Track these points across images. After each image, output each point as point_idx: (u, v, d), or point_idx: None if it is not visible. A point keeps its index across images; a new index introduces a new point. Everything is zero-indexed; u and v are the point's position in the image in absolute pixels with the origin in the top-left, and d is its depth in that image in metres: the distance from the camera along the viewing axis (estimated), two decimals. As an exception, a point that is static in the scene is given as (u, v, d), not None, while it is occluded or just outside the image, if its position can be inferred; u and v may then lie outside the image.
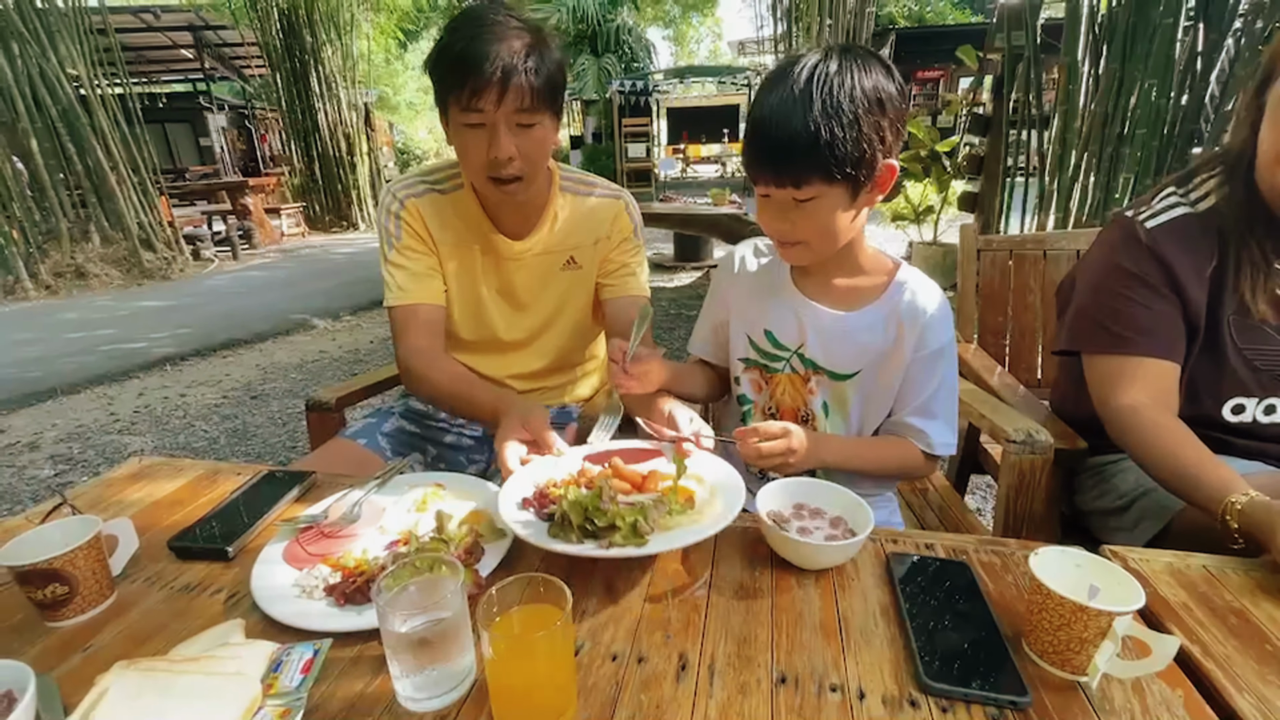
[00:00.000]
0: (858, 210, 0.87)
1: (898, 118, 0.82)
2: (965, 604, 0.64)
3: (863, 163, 0.80)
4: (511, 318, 1.26)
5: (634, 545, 0.68)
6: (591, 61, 14.14)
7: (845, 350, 0.96)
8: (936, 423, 0.95)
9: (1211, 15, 2.99)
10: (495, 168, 1.03)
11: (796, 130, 0.77)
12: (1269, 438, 0.93)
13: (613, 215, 1.23)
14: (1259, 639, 0.59)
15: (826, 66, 0.78)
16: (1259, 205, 0.91)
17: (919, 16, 13.20)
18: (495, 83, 0.95)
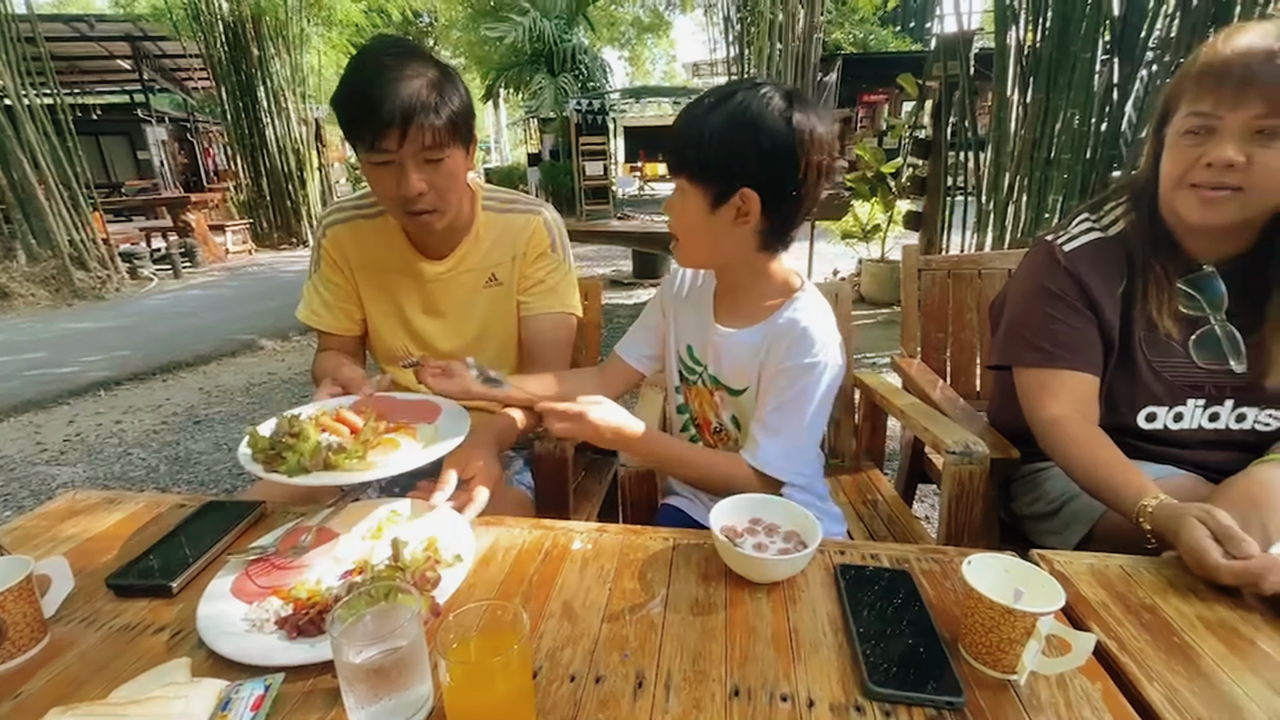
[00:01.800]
0: (722, 228, 0.91)
1: (766, 152, 0.85)
2: (907, 611, 0.67)
3: (714, 173, 0.87)
4: (442, 333, 1.27)
5: (283, 471, 0.81)
6: (549, 80, 14.22)
7: (733, 366, 1.01)
8: (774, 440, 0.94)
9: (1125, 49, 3.23)
10: (407, 204, 1.04)
11: (687, 126, 0.88)
12: (1178, 443, 1.01)
13: (529, 231, 1.24)
14: (1168, 632, 0.64)
15: (724, 95, 0.86)
16: (1161, 230, 0.99)
17: (864, 43, 13.78)
18: (397, 125, 0.96)
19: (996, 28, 3.55)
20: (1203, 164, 0.87)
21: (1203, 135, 0.88)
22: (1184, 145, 0.90)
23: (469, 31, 17.35)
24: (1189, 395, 0.99)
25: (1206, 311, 0.99)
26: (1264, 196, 0.87)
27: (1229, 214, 0.89)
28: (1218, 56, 0.86)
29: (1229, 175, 0.86)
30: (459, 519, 0.86)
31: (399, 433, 0.93)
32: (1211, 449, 0.99)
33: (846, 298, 1.64)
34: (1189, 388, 0.99)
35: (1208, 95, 0.86)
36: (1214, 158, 0.86)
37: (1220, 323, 0.98)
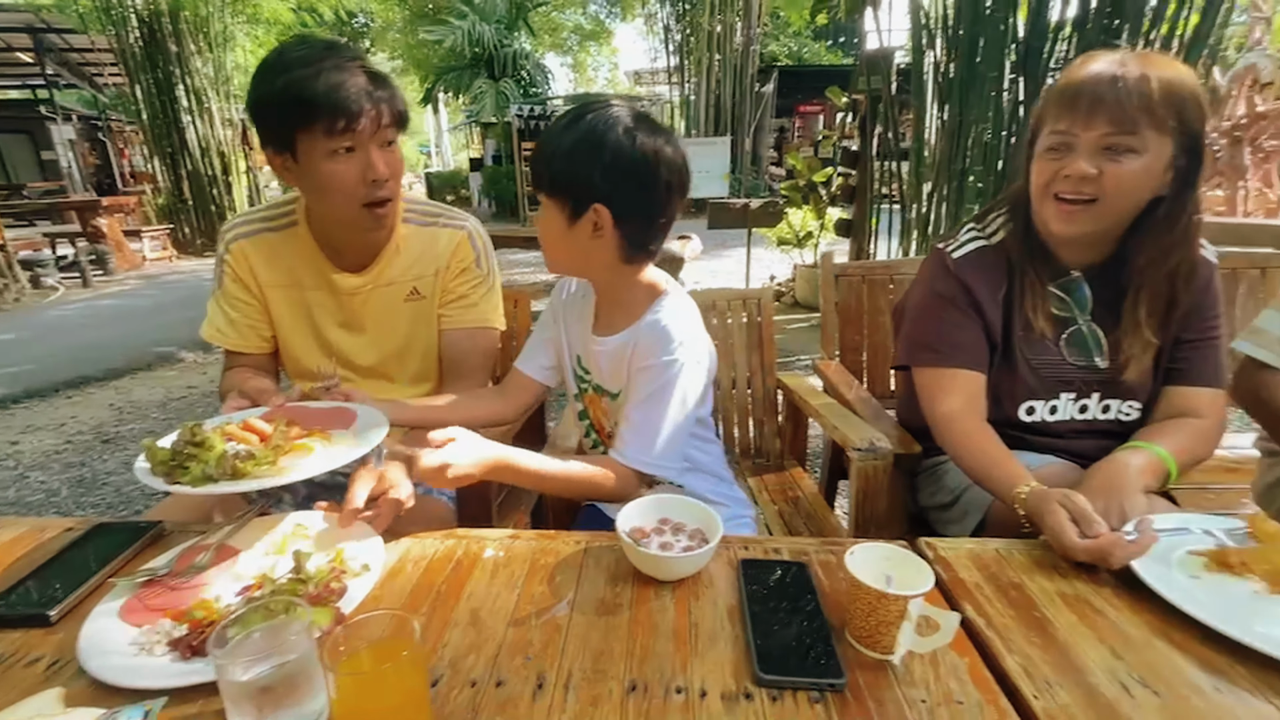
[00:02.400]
0: (580, 240, 0.94)
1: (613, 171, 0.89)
2: (801, 601, 0.71)
3: (568, 191, 0.92)
4: (361, 348, 1.25)
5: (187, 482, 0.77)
6: (489, 85, 14.06)
7: (609, 372, 1.06)
8: (637, 435, 0.97)
9: (1029, 69, 3.47)
10: (374, 190, 1.04)
11: (545, 144, 0.93)
12: (1054, 433, 1.10)
13: (453, 245, 1.23)
14: (1029, 607, 0.70)
15: (600, 116, 0.90)
16: (1035, 239, 1.08)
17: (798, 56, 14.27)
18: (366, 107, 0.98)
19: (913, 48, 3.74)
20: (1062, 176, 0.96)
21: (1062, 151, 0.96)
22: (1047, 160, 0.98)
23: (407, 34, 17.00)
24: (1061, 390, 1.08)
25: (1075, 313, 1.08)
26: (1115, 205, 0.95)
27: (1085, 225, 0.98)
28: (1073, 81, 0.95)
29: (1085, 186, 0.94)
30: (368, 531, 0.85)
31: (313, 438, 0.90)
32: (1082, 438, 1.08)
33: (768, 304, 1.71)
34: (1061, 383, 1.08)
35: (1065, 115, 0.95)
36: (1071, 170, 0.94)
37: (1086, 323, 1.07)
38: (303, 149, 1.00)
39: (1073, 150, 0.94)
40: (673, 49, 12.95)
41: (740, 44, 11.74)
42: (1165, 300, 1.02)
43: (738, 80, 11.99)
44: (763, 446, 1.71)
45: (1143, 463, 0.91)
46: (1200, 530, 0.78)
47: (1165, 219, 0.97)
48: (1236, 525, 0.77)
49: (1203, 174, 0.95)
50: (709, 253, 7.85)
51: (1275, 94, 6.17)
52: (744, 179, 12.18)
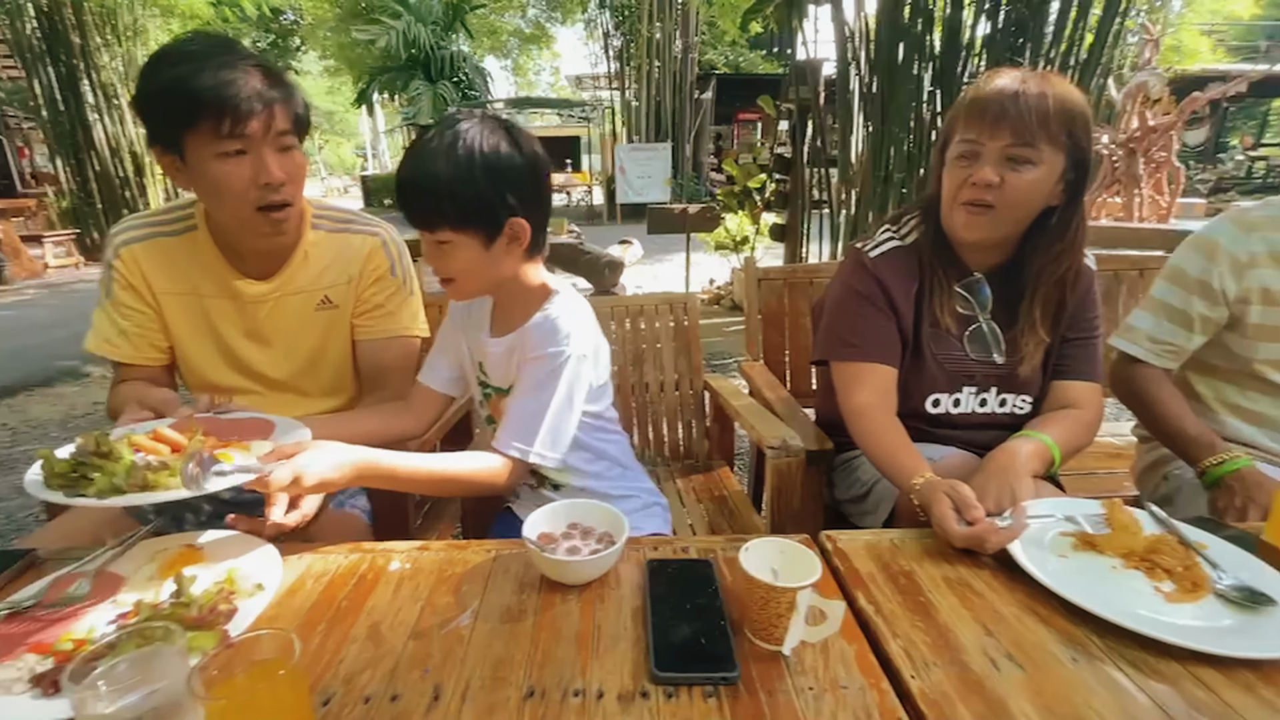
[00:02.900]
0: (498, 257, 0.96)
1: (519, 183, 0.93)
2: (703, 598, 0.72)
3: (484, 217, 0.92)
4: (269, 360, 1.20)
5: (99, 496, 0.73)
6: (427, 87, 13.76)
7: (500, 371, 1.08)
8: (519, 425, 0.97)
9: (945, 83, 3.67)
10: (267, 194, 0.99)
11: (422, 183, 0.90)
12: (957, 425, 1.16)
13: (367, 252, 1.20)
14: (916, 592, 0.74)
15: (455, 133, 0.89)
16: (943, 241, 1.14)
17: (736, 65, 14.60)
18: (257, 108, 0.94)
19: (839, 61, 3.89)
20: (969, 183, 1.02)
21: (970, 159, 1.02)
22: (957, 167, 1.04)
23: (339, 33, 16.44)
24: (964, 383, 1.15)
25: (977, 312, 1.15)
26: (1012, 213, 1.02)
27: (985, 230, 1.04)
28: (981, 94, 1.01)
29: (988, 193, 1.00)
30: (266, 549, 0.81)
31: (231, 449, 0.86)
32: (982, 429, 1.15)
33: (694, 308, 1.74)
34: (964, 377, 1.15)
35: (973, 125, 1.01)
36: (977, 178, 1.00)
37: (986, 321, 1.14)
38: (190, 149, 0.95)
39: (979, 158, 1.00)
40: (613, 55, 13.02)
41: (679, 51, 11.92)
42: (1056, 302, 1.10)
43: (677, 87, 12.17)
44: (691, 448, 1.73)
45: (1031, 449, 0.98)
46: (1063, 516, 0.83)
47: (1057, 227, 1.05)
48: (1097, 512, 0.84)
49: (1092, 186, 1.04)
50: (651, 257, 7.92)
51: (1163, 109, 6.74)
52: (686, 184, 12.35)
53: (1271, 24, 18.60)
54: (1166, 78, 7.07)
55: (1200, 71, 11.57)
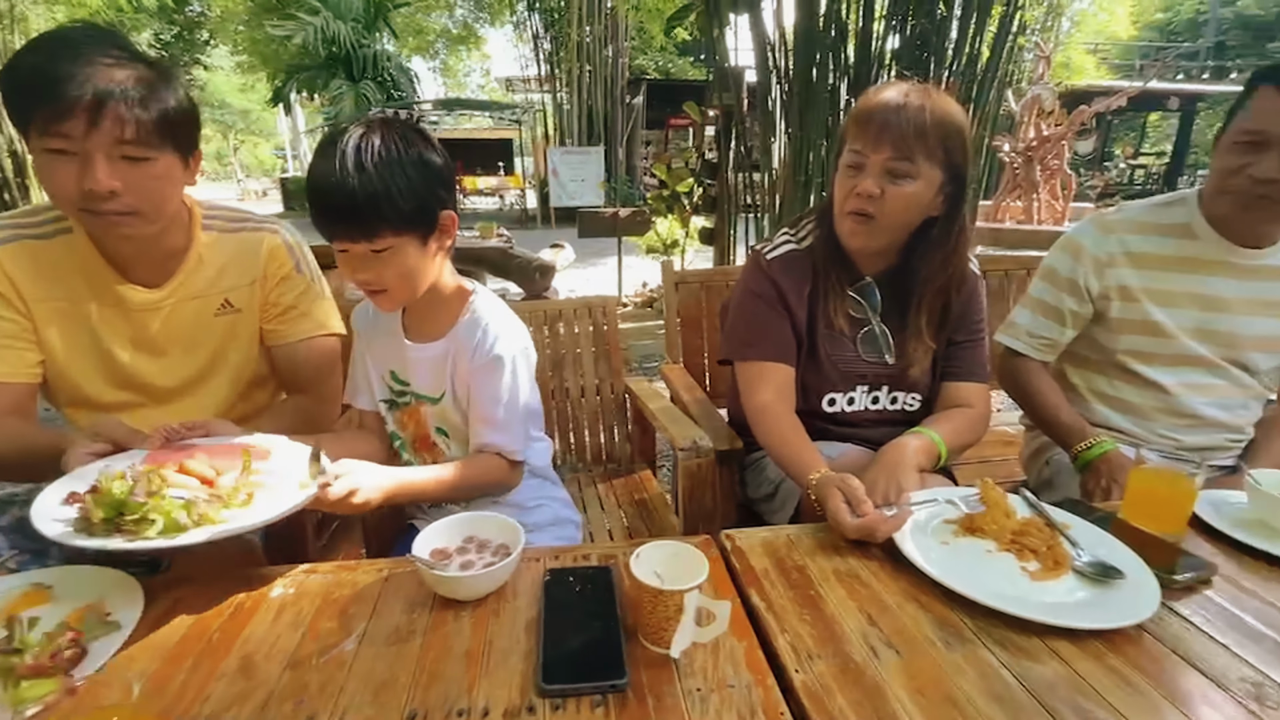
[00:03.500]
0: (432, 255, 0.98)
1: (443, 177, 0.94)
2: (600, 606, 0.72)
3: (422, 214, 0.92)
4: (162, 370, 1.11)
5: (164, 538, 0.69)
6: (349, 87, 13.21)
7: (429, 377, 1.06)
8: (506, 428, 1.03)
9: (858, 92, 3.83)
10: (88, 200, 0.91)
11: (356, 191, 0.86)
12: (852, 423, 1.21)
13: (267, 252, 1.14)
14: (807, 586, 0.76)
15: (371, 139, 0.87)
16: (836, 246, 1.18)
17: (665, 70, 14.79)
18: (85, 107, 0.84)
19: (759, 69, 4.00)
20: (854, 193, 1.05)
21: (856, 169, 1.05)
22: (844, 177, 1.08)
23: (252, 28, 15.56)
24: (858, 383, 1.19)
25: (869, 314, 1.19)
26: (892, 223, 1.06)
27: (867, 239, 1.09)
28: (867, 106, 1.05)
29: (870, 204, 1.04)
30: (128, 580, 0.75)
31: None
32: (875, 426, 1.20)
33: (612, 312, 1.74)
34: (857, 377, 1.19)
35: (860, 136, 1.04)
36: (860, 189, 1.04)
37: (878, 324, 1.19)
38: (30, 141, 0.88)
39: (863, 170, 1.04)
40: (543, 57, 12.92)
41: (610, 56, 11.96)
42: (942, 307, 1.15)
43: (609, 91, 12.20)
44: (613, 452, 1.73)
45: (918, 445, 1.02)
46: (945, 501, 0.88)
47: (939, 237, 1.10)
48: (972, 493, 0.89)
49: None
50: (585, 261, 7.90)
51: (1055, 121, 7.30)
52: (620, 188, 12.39)
53: (1146, 45, 20.54)
54: (1057, 92, 7.67)
55: (1087, 86, 12.61)
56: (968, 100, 3.84)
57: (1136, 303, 1.20)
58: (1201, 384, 1.19)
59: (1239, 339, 1.16)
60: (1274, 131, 0.99)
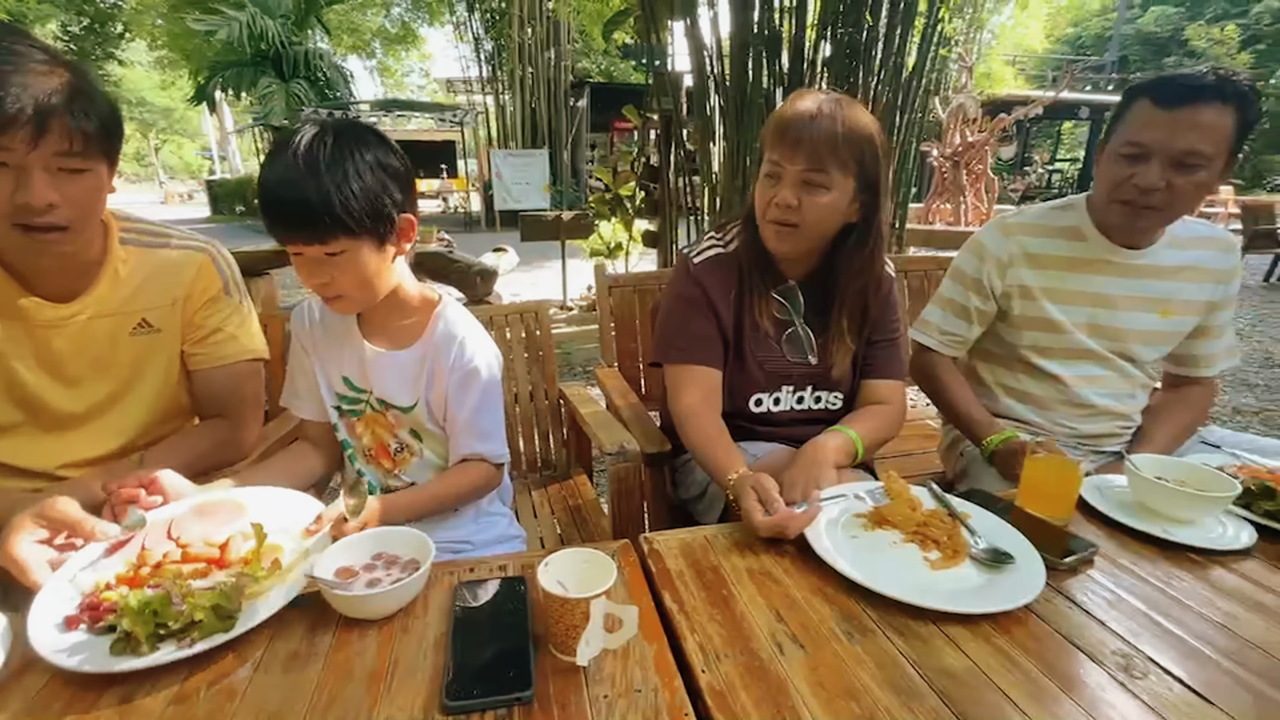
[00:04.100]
0: (390, 259, 0.96)
1: (400, 179, 0.93)
2: (510, 617, 0.71)
3: (378, 217, 0.90)
4: (62, 392, 1.04)
5: (221, 632, 0.65)
6: (279, 85, 12.67)
7: (400, 385, 1.04)
8: (492, 440, 1.07)
9: (790, 98, 3.93)
10: (27, 215, 0.85)
11: (310, 194, 0.84)
12: (777, 422, 1.24)
13: (194, 271, 1.09)
14: (720, 585, 0.77)
15: (324, 140, 0.86)
16: (761, 250, 1.20)
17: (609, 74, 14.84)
18: (28, 120, 0.79)
19: (695, 75, 4.06)
20: (773, 204, 1.08)
21: (775, 179, 1.08)
22: (764, 186, 1.10)
23: (171, 22, 14.75)
24: (783, 383, 1.22)
25: (793, 316, 1.22)
26: (811, 231, 1.09)
27: (791, 245, 1.11)
28: (783, 116, 1.06)
29: (789, 214, 1.06)
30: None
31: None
32: (800, 425, 1.23)
33: (545, 317, 1.73)
34: (782, 377, 1.22)
35: (777, 147, 1.06)
36: (778, 200, 1.06)
37: (801, 325, 1.22)
38: None
39: (781, 180, 1.06)
40: (485, 59, 12.73)
41: (553, 59, 11.89)
42: (861, 308, 1.19)
43: (552, 94, 12.12)
44: (549, 458, 1.71)
45: (837, 443, 1.05)
46: (854, 496, 0.91)
47: (858, 242, 1.13)
48: (878, 487, 0.92)
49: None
50: (531, 264, 7.83)
51: (979, 128, 7.69)
52: (565, 191, 12.33)
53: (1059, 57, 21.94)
54: (980, 100, 8.09)
55: (1007, 96, 13.36)
56: (895, 107, 4.00)
57: (1035, 300, 1.27)
58: (1093, 376, 1.27)
59: (1124, 333, 1.25)
60: (1153, 143, 1.07)
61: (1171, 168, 1.06)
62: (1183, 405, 1.31)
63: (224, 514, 0.83)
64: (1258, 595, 0.76)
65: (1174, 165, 1.06)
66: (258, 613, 0.68)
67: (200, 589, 0.68)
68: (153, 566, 0.73)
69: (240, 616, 0.68)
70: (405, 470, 1.08)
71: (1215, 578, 0.79)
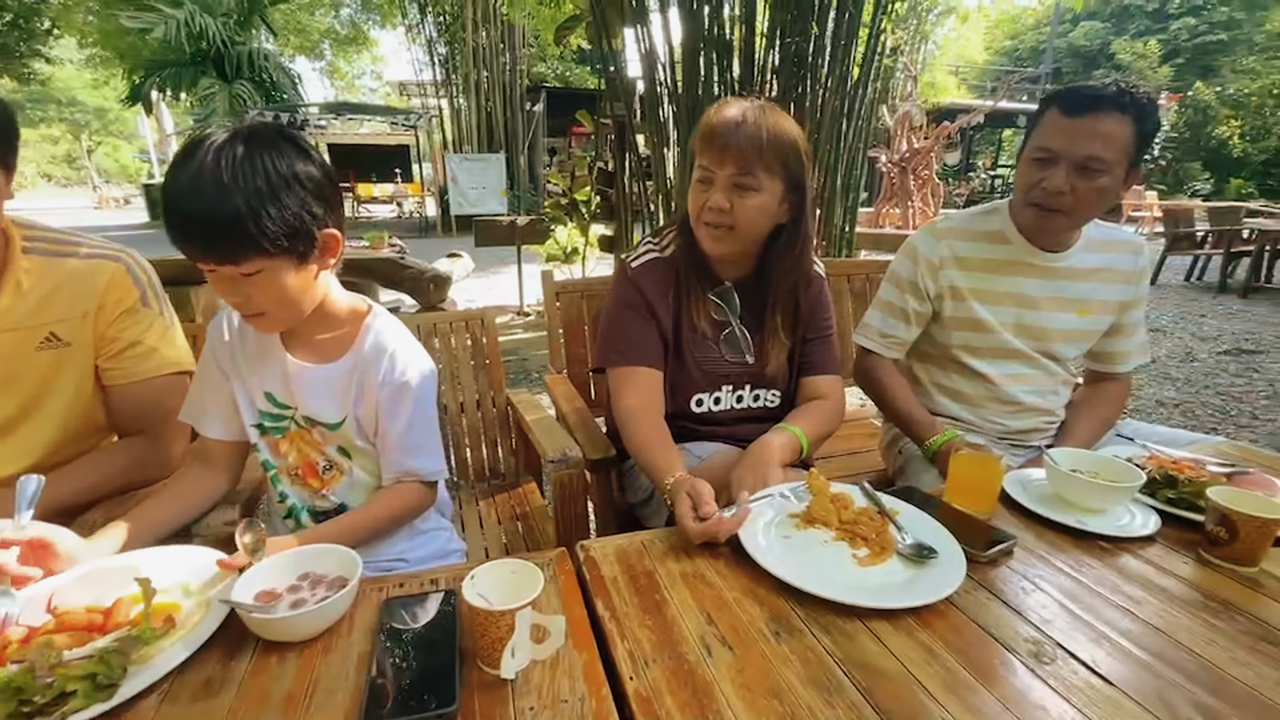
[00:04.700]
0: (314, 275, 0.91)
1: (321, 192, 0.86)
2: (438, 632, 0.69)
3: (297, 235, 0.83)
4: None
5: (100, 702, 0.59)
6: (221, 86, 12.20)
7: (327, 400, 0.99)
8: (425, 455, 1.02)
9: (741, 105, 3.99)
10: None
11: (218, 212, 0.77)
12: (719, 422, 1.26)
13: (106, 282, 1.04)
14: (654, 590, 0.77)
15: (234, 149, 0.79)
16: (696, 253, 1.22)
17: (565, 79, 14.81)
18: None
19: (647, 81, 4.09)
20: (706, 207, 1.09)
21: (707, 184, 1.10)
22: (697, 191, 1.12)
23: (104, 19, 14.06)
24: (722, 383, 1.24)
25: (730, 317, 1.24)
26: (745, 232, 1.12)
27: (728, 247, 1.13)
28: (711, 122, 1.09)
29: (723, 217, 1.09)
30: None
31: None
32: (741, 424, 1.25)
33: (491, 324, 1.71)
34: (721, 377, 1.24)
35: (707, 152, 1.09)
36: (711, 204, 1.08)
37: (738, 325, 1.24)
38: None
39: (713, 184, 1.08)
40: (439, 62, 12.55)
41: (508, 62, 11.80)
42: (793, 306, 1.23)
43: (508, 98, 12.03)
44: (497, 467, 1.69)
45: (782, 441, 1.08)
46: (780, 495, 0.93)
47: (788, 241, 1.17)
48: (800, 484, 0.94)
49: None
50: (488, 270, 7.73)
51: (924, 134, 7.96)
52: (523, 196, 12.23)
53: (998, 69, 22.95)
54: (925, 108, 8.38)
55: (950, 104, 13.89)
56: (842, 115, 4.11)
57: (965, 301, 1.32)
58: (1019, 374, 1.33)
59: (1048, 332, 1.31)
60: (1059, 149, 1.13)
61: (1076, 173, 1.12)
62: (1102, 400, 1.37)
63: (116, 579, 0.75)
64: (1159, 579, 0.80)
65: (1078, 170, 1.12)
66: (151, 673, 0.63)
67: (75, 658, 0.62)
68: (19, 641, 0.65)
69: (129, 681, 0.62)
70: (334, 490, 1.03)
71: (1122, 564, 0.83)
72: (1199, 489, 0.90)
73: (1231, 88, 19.71)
